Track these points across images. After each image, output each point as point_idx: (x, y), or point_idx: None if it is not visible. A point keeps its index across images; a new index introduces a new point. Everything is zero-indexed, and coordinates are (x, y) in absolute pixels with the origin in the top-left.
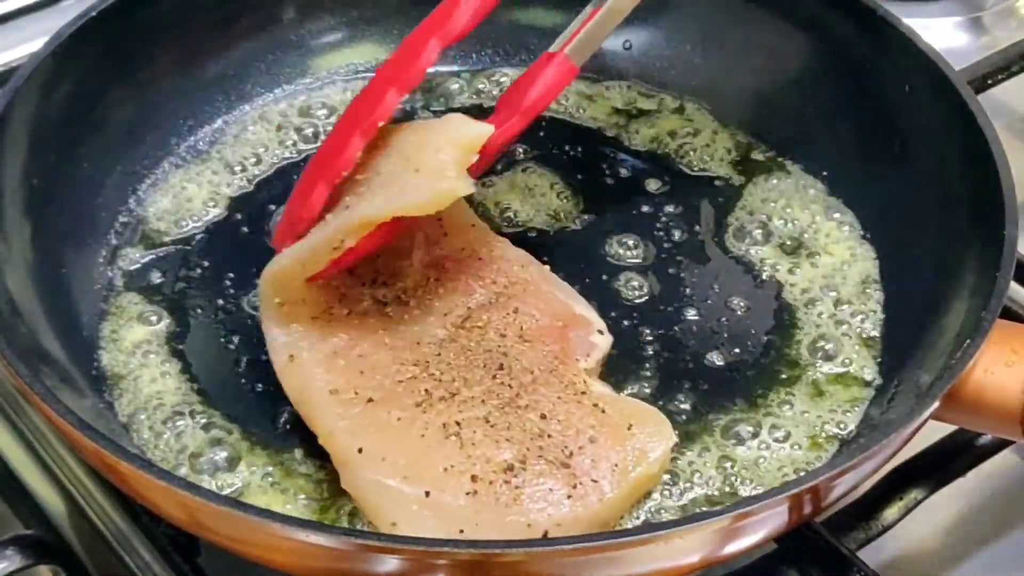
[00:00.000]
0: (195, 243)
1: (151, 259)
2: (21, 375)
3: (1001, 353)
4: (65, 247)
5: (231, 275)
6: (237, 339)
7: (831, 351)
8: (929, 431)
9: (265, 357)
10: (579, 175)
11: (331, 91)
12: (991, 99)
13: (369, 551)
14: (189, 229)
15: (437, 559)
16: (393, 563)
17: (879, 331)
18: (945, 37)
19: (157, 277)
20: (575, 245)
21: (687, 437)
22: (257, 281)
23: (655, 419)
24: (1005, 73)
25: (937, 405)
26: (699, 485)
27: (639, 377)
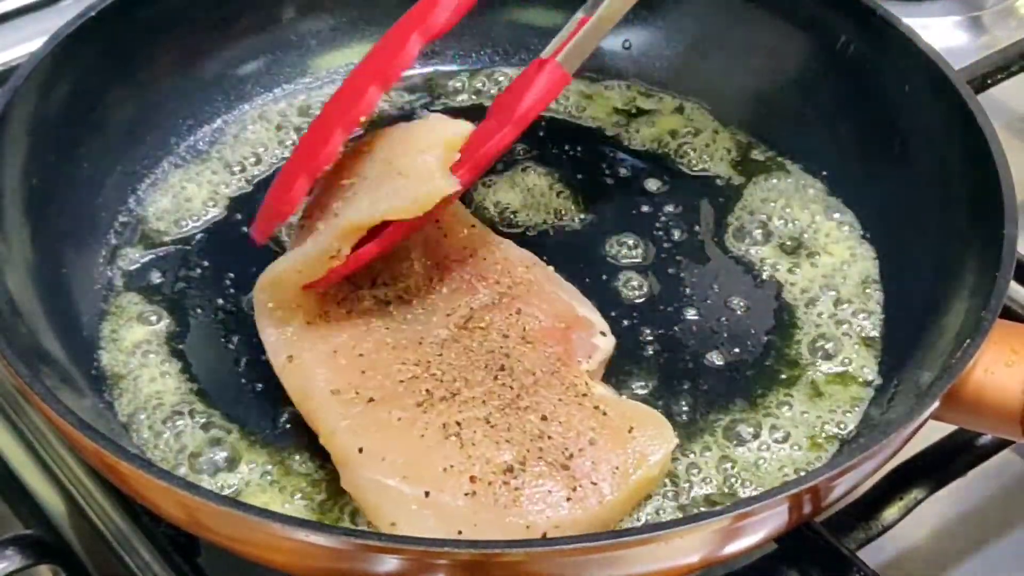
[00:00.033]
0: (195, 243)
1: (151, 259)
2: (21, 375)
3: (1001, 353)
4: (65, 247)
5: (231, 275)
6: (237, 339)
7: (831, 351)
8: (929, 431)
9: (265, 357)
10: (579, 175)
11: (331, 91)
12: (991, 99)
13: (369, 551)
14: (189, 229)
15: (437, 559)
16: (393, 563)
17: (879, 331)
18: (945, 37)
19: (157, 277)
20: (575, 245)
21: (687, 437)
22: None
23: (656, 422)
24: (1005, 73)
25: (937, 405)
26: (699, 485)
27: (639, 377)
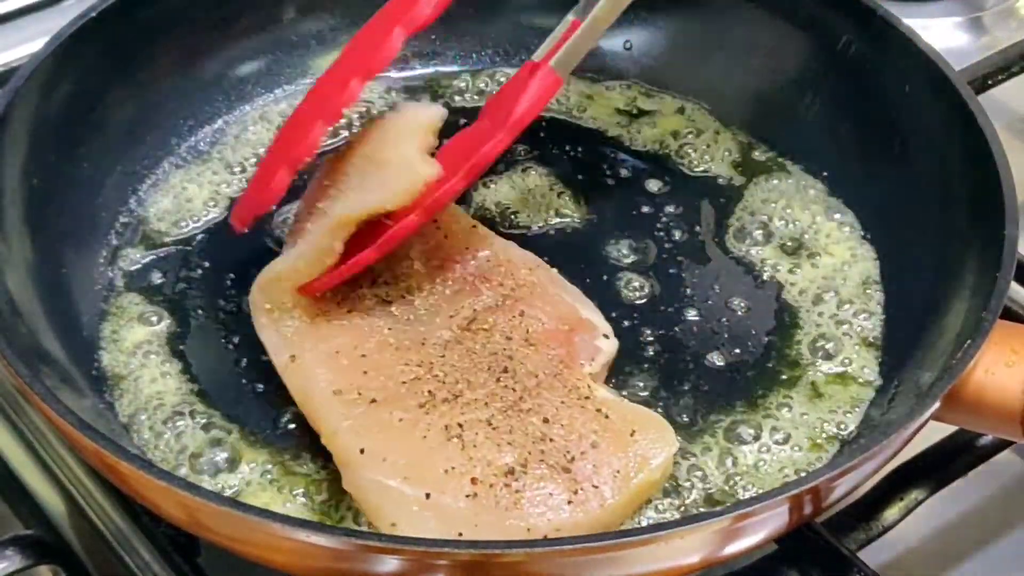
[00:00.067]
0: (195, 243)
1: (151, 259)
2: (21, 375)
3: (1001, 353)
4: (65, 247)
5: (231, 275)
6: (237, 339)
7: (831, 351)
8: (929, 431)
9: (265, 357)
10: (579, 175)
11: None
12: (991, 99)
13: (369, 551)
14: (189, 229)
15: (437, 559)
16: (393, 563)
17: (879, 331)
18: (945, 37)
19: (157, 277)
20: (575, 245)
21: (687, 437)
22: None
23: (658, 425)
24: (1005, 73)
25: (937, 405)
26: (699, 486)
27: (639, 377)
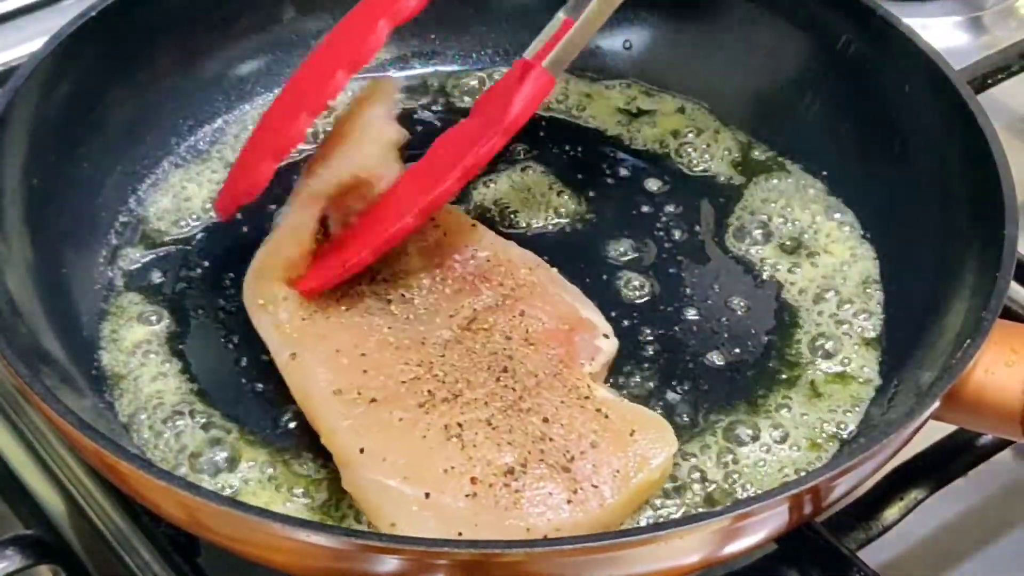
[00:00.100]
0: (195, 243)
1: (151, 259)
2: (21, 375)
3: (1001, 353)
4: (65, 247)
5: (231, 275)
6: (237, 339)
7: (831, 351)
8: (929, 431)
9: (265, 357)
10: (579, 175)
11: None
12: (991, 99)
13: (369, 551)
14: (189, 229)
15: (437, 559)
16: (393, 563)
17: (879, 331)
18: (945, 37)
19: (157, 277)
20: (575, 245)
21: (687, 437)
22: None
23: (658, 425)
24: (1005, 73)
25: (937, 405)
26: (699, 485)
27: (639, 377)
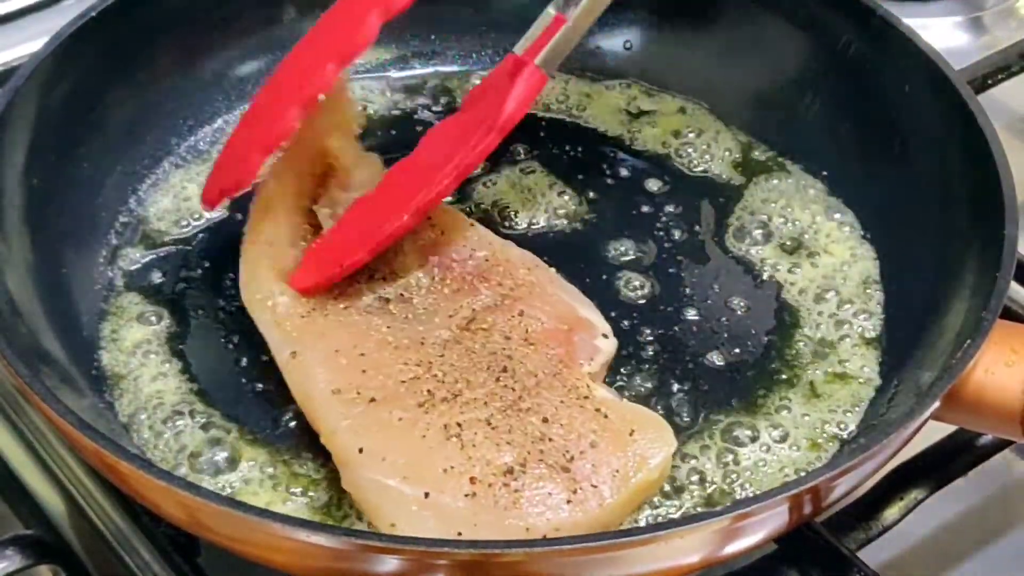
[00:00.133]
0: (195, 243)
1: (151, 259)
2: (21, 375)
3: (1001, 353)
4: (65, 247)
5: (231, 275)
6: (237, 339)
7: (831, 351)
8: (929, 431)
9: (265, 357)
10: (579, 175)
11: None
12: (991, 99)
13: (369, 551)
14: (189, 229)
15: (437, 559)
16: (393, 563)
17: (879, 331)
18: (945, 37)
19: (157, 277)
20: (575, 245)
21: (687, 437)
22: None
23: (657, 425)
24: (1005, 73)
25: (937, 405)
26: (699, 486)
27: (639, 377)
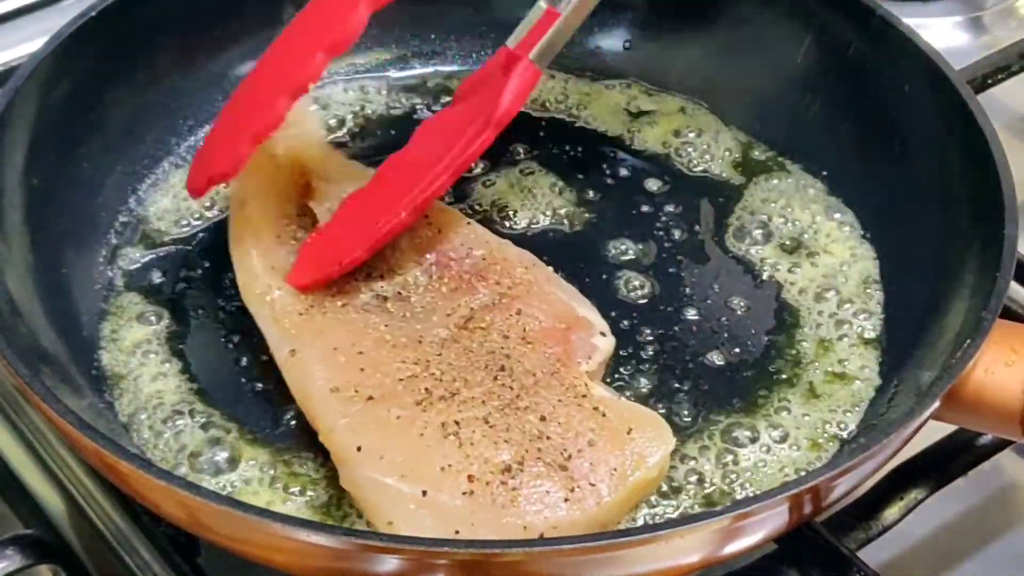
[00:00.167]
0: (195, 243)
1: (151, 259)
2: (21, 375)
3: (1001, 353)
4: (65, 247)
5: (231, 275)
6: (237, 338)
7: (831, 351)
8: (929, 431)
9: (265, 357)
10: (579, 175)
11: (331, 91)
12: (991, 99)
13: (369, 551)
14: (189, 229)
15: (437, 559)
16: (393, 563)
17: (879, 331)
18: (945, 37)
19: (157, 277)
20: (575, 245)
21: (687, 437)
22: None
23: (655, 423)
24: (1005, 73)
25: (937, 405)
26: (699, 486)
27: (639, 377)
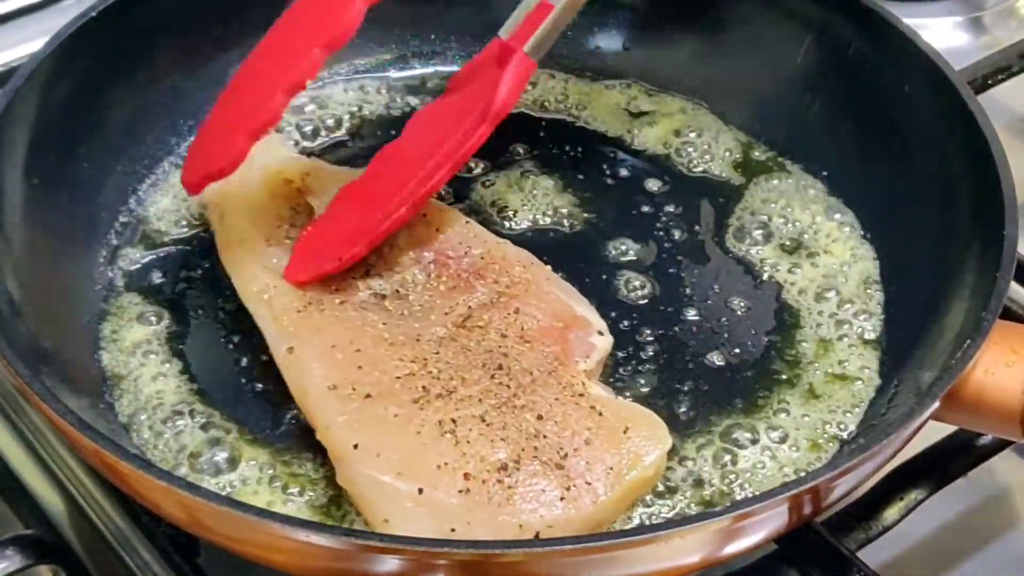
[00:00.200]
0: (195, 243)
1: (151, 259)
2: (21, 375)
3: (1001, 353)
4: (65, 247)
5: None
6: (237, 339)
7: (831, 351)
8: (929, 431)
9: (265, 357)
10: (579, 175)
11: (332, 91)
12: (991, 99)
13: (368, 551)
14: (189, 229)
15: (436, 559)
16: (392, 563)
17: (879, 331)
18: (945, 37)
19: (157, 277)
20: (575, 245)
21: (687, 438)
22: None
23: (651, 423)
24: (1005, 73)
25: (937, 405)
26: (698, 486)
27: (639, 377)
